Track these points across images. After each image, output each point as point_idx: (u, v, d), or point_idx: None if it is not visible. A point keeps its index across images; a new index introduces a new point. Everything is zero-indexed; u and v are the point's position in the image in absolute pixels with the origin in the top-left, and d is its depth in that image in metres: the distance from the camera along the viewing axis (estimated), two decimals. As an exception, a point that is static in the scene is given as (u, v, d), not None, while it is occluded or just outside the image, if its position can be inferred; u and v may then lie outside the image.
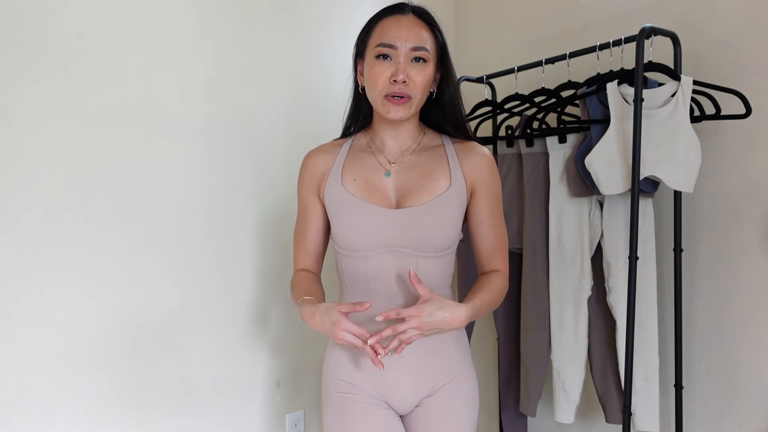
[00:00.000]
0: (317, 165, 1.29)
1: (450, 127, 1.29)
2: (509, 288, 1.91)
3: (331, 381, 1.27)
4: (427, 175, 1.23)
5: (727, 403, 1.64)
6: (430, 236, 1.19)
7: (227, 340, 1.78)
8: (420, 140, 1.29)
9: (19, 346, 1.43)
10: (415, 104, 1.20)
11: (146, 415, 1.62)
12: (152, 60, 1.63)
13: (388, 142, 1.27)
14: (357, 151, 1.29)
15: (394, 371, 1.21)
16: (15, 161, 1.42)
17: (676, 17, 1.71)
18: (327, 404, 1.27)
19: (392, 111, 1.19)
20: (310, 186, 1.30)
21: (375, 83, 1.19)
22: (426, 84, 1.20)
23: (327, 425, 1.26)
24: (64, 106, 1.49)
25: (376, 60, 1.19)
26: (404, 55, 1.17)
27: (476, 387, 1.29)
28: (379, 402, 1.24)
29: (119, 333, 1.58)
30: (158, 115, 1.64)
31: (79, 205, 1.51)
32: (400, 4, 1.23)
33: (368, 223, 1.20)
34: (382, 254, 1.19)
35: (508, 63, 2.09)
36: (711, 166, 1.65)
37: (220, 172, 1.76)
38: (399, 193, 1.23)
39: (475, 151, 1.28)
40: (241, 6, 1.80)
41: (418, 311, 1.09)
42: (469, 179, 1.25)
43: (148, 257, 1.63)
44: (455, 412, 1.24)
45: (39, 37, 1.45)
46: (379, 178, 1.24)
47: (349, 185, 1.24)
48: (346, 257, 1.23)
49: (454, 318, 1.11)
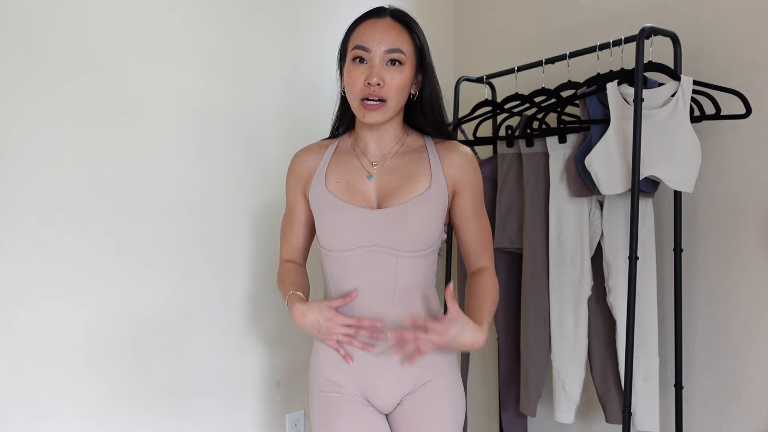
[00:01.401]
0: (303, 165, 1.33)
1: (430, 128, 1.31)
2: (509, 288, 1.93)
3: (317, 381, 1.29)
4: (408, 177, 1.25)
5: (727, 403, 1.64)
6: (408, 235, 1.21)
7: (227, 340, 1.78)
8: (403, 141, 1.31)
9: (18, 346, 1.43)
10: (391, 108, 1.21)
11: (146, 416, 1.62)
12: (150, 60, 1.63)
13: (371, 145, 1.29)
14: (341, 153, 1.32)
15: (376, 370, 1.24)
16: (12, 162, 1.42)
17: (676, 17, 1.71)
18: (313, 403, 1.29)
19: (367, 116, 1.21)
20: (296, 185, 1.34)
21: (352, 87, 1.21)
22: (401, 87, 1.21)
23: (314, 424, 1.28)
24: (61, 106, 1.49)
25: (353, 63, 1.21)
26: (379, 58, 1.19)
27: (461, 386, 1.30)
28: (363, 401, 1.26)
29: (118, 333, 1.58)
30: (155, 116, 1.64)
31: (77, 206, 1.51)
32: (379, 8, 1.24)
33: (349, 224, 1.23)
34: (363, 253, 1.22)
35: (508, 63, 2.09)
36: (711, 166, 1.65)
37: (217, 172, 1.76)
38: (380, 194, 1.25)
39: (456, 151, 1.29)
40: (241, 6, 1.80)
41: (444, 331, 1.11)
42: (450, 179, 1.26)
43: (147, 257, 1.63)
44: (437, 407, 1.24)
45: (37, 36, 1.45)
46: (361, 181, 1.26)
47: (332, 187, 1.27)
48: (329, 256, 1.26)
49: (475, 343, 1.14)
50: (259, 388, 1.85)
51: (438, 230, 1.26)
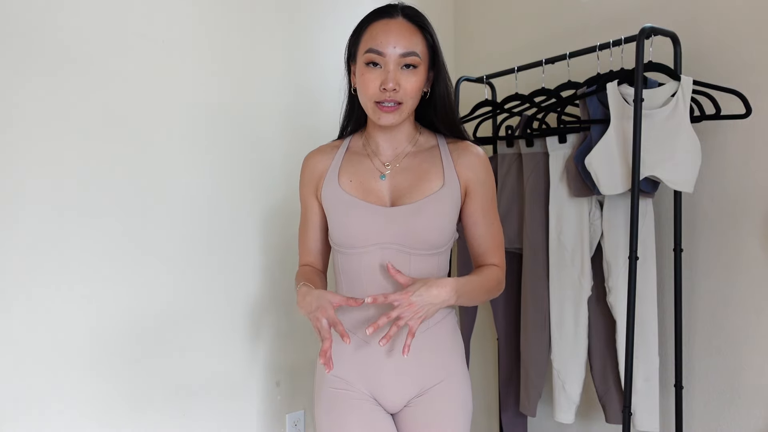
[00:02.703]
0: (316, 166, 1.32)
1: (442, 126, 1.30)
2: (509, 288, 1.92)
3: (324, 376, 1.28)
4: (421, 176, 1.24)
5: (727, 403, 1.64)
6: (422, 233, 1.20)
7: (227, 340, 1.78)
8: (416, 141, 1.30)
9: (19, 346, 1.43)
10: (407, 110, 1.21)
11: (146, 416, 1.62)
12: (152, 60, 1.63)
13: (383, 145, 1.29)
14: (353, 153, 1.31)
15: (385, 368, 1.23)
16: (15, 162, 1.42)
17: (676, 17, 1.71)
18: (319, 399, 1.28)
19: (383, 118, 1.19)
20: (309, 186, 1.33)
21: (365, 90, 1.19)
22: (417, 89, 1.20)
23: (319, 420, 1.27)
24: (62, 106, 1.49)
25: (366, 67, 1.19)
26: (394, 62, 1.17)
27: (469, 389, 1.29)
28: (370, 399, 1.25)
29: (119, 333, 1.58)
30: (157, 116, 1.64)
31: (79, 206, 1.51)
32: (390, 7, 1.21)
33: (362, 221, 1.22)
34: (376, 251, 1.21)
35: (508, 63, 2.09)
36: (711, 166, 1.65)
37: (220, 173, 1.76)
38: (393, 194, 1.25)
39: (468, 151, 1.28)
40: (241, 6, 1.80)
41: (404, 293, 1.10)
42: (462, 179, 1.26)
43: (148, 258, 1.63)
44: (447, 414, 1.23)
45: (36, 36, 1.45)
46: (375, 181, 1.26)
47: (345, 185, 1.26)
48: (342, 254, 1.26)
49: (442, 289, 1.12)
50: (259, 388, 1.85)
51: (451, 229, 1.25)
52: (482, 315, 2.25)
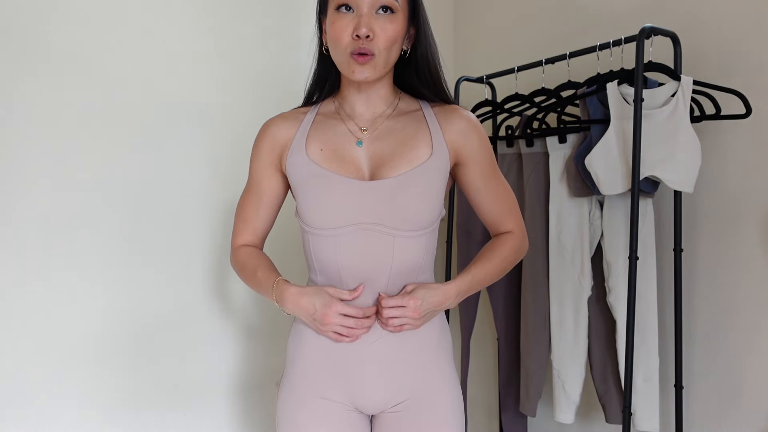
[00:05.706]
0: (278, 134, 1.15)
1: (425, 88, 1.15)
2: (509, 288, 1.93)
3: (295, 374, 1.14)
4: (404, 142, 1.10)
5: (727, 403, 1.63)
6: (409, 212, 1.07)
7: (226, 340, 1.78)
8: (395, 105, 1.16)
9: (20, 346, 1.43)
10: (381, 63, 1.06)
11: (146, 416, 1.63)
12: (152, 60, 1.63)
13: (359, 108, 1.14)
14: (324, 117, 1.16)
15: (366, 365, 1.10)
16: (14, 163, 1.42)
17: (676, 17, 1.71)
18: (286, 398, 1.13)
19: (357, 71, 1.05)
20: (268, 157, 1.16)
21: (338, 40, 1.05)
22: (393, 39, 1.05)
23: (282, 420, 1.13)
24: (61, 106, 1.49)
25: (337, 13, 1.05)
26: (368, 5, 1.03)
27: (461, 398, 1.16)
28: (346, 406, 1.13)
29: (119, 333, 1.58)
30: (158, 116, 1.64)
31: (78, 207, 1.51)
32: None
33: (337, 198, 1.07)
34: (355, 232, 1.07)
35: (508, 63, 2.09)
36: (711, 166, 1.65)
37: (217, 174, 1.76)
38: (373, 163, 1.10)
39: (457, 114, 1.15)
40: (241, 6, 1.80)
41: (412, 298, 1.05)
42: (452, 146, 1.13)
43: (147, 258, 1.63)
44: (434, 419, 1.11)
45: (36, 36, 1.45)
46: (350, 147, 1.11)
47: (314, 155, 1.10)
48: (314, 236, 1.10)
49: (445, 298, 1.08)
50: (259, 388, 1.85)
51: (441, 206, 1.12)
52: (482, 315, 2.25)
